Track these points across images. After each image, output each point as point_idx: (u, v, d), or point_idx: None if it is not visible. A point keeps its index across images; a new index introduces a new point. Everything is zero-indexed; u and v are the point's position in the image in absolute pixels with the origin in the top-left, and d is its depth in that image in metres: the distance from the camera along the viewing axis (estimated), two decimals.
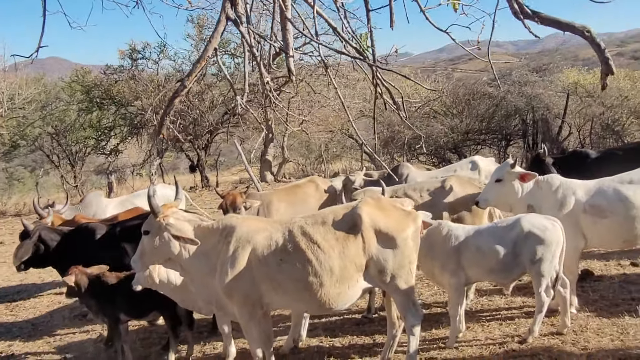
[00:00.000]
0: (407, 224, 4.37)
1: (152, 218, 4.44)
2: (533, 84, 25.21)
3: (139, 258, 4.49)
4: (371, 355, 5.17)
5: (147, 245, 4.43)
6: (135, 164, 21.76)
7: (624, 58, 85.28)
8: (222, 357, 5.51)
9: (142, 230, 4.46)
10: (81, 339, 6.87)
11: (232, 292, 4.30)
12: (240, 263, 4.26)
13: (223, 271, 4.29)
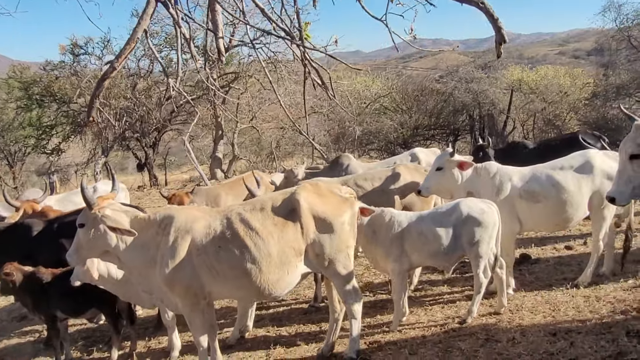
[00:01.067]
0: (344, 209, 4.42)
1: (87, 210, 4.32)
2: (479, 81, 25.94)
3: (74, 252, 4.35)
4: (317, 341, 5.19)
5: (83, 238, 4.30)
6: (79, 164, 21.06)
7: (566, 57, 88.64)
8: (168, 351, 5.42)
9: (77, 224, 4.33)
10: (19, 341, 6.62)
11: (173, 283, 4.23)
12: (180, 253, 4.20)
13: (163, 262, 4.21)
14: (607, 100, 24.61)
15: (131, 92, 19.92)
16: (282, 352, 5.06)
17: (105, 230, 4.22)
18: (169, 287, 4.26)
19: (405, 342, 4.87)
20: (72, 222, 5.75)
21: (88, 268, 4.81)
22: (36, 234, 5.87)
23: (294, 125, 23.13)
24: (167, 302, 4.50)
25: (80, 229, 4.31)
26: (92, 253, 4.37)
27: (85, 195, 4.25)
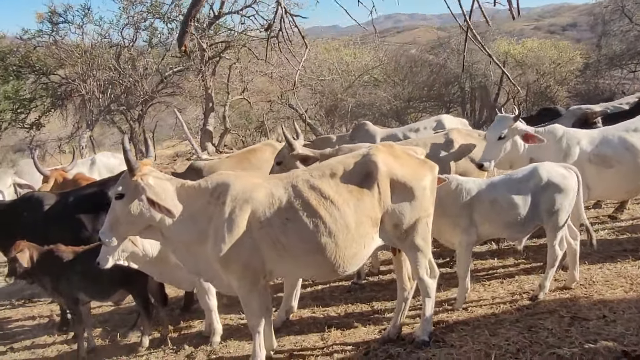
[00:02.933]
0: (424, 173, 3.90)
1: (128, 177, 3.71)
2: (471, 52, 25.47)
3: (110, 229, 3.75)
4: (374, 322, 4.73)
5: (122, 212, 3.70)
6: (62, 138, 20.03)
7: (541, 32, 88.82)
8: (205, 336, 4.88)
9: (115, 194, 3.73)
10: (28, 325, 6.01)
11: (229, 261, 3.68)
12: (238, 226, 3.65)
13: (218, 237, 3.66)
14: (598, 71, 24.47)
15: (116, 63, 18.88)
16: (338, 334, 4.57)
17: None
18: (224, 265, 3.71)
19: (478, 321, 4.43)
20: (90, 195, 5.18)
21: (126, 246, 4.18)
22: (47, 209, 5.19)
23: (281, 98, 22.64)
24: (218, 283, 3.96)
25: (117, 200, 3.71)
26: (133, 229, 3.79)
27: (127, 158, 3.64)
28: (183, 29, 3.59)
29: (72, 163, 7.43)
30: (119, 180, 3.81)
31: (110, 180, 5.27)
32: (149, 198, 3.58)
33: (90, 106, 18.79)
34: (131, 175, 3.69)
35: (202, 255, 3.79)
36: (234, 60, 18.98)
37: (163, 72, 20.00)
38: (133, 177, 3.68)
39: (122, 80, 19.52)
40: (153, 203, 3.57)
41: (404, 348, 4.08)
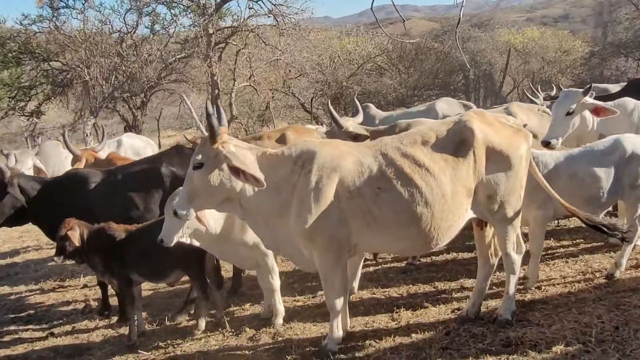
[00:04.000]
0: (520, 141, 3.68)
1: (208, 145, 3.45)
2: (475, 40, 25.35)
3: (188, 201, 3.47)
4: (442, 302, 4.54)
5: (201, 182, 3.43)
6: (65, 125, 19.60)
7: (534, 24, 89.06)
8: (264, 318, 4.65)
9: (193, 164, 3.46)
10: (64, 310, 5.75)
11: (314, 233, 3.46)
12: (325, 196, 3.42)
13: (303, 208, 3.43)
14: (603, 59, 24.41)
15: (121, 49, 18.47)
16: (409, 314, 4.37)
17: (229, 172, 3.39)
18: (308, 238, 3.48)
19: (556, 300, 4.26)
20: (142, 172, 4.91)
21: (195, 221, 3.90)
22: (95, 186, 4.90)
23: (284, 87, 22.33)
24: (298, 259, 3.73)
25: (196, 170, 3.45)
26: (211, 201, 3.52)
27: (211, 122, 3.37)
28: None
29: (102, 143, 7.14)
30: (197, 149, 3.53)
31: (163, 156, 5.00)
32: (234, 166, 3.33)
33: (94, 93, 18.37)
34: (212, 142, 3.43)
35: (282, 229, 3.56)
36: (241, 46, 18.61)
37: (166, 59, 19.62)
38: (214, 145, 3.42)
39: (126, 66, 19.14)
40: (238, 172, 3.32)
41: (486, 327, 3.89)
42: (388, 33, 13.44)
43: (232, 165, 3.36)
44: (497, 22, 27.46)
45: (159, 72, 19.99)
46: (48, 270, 7.34)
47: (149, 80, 19.10)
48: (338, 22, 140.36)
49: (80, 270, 7.15)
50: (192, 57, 19.75)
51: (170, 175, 4.88)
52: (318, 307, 4.77)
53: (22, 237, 9.45)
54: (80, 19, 19.21)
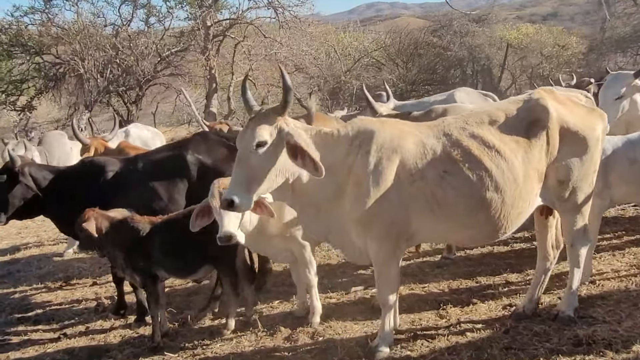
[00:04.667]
0: (595, 122, 3.39)
1: (271, 120, 3.05)
2: (473, 34, 25.17)
3: (245, 188, 3.01)
4: (491, 298, 4.24)
5: (265, 164, 3.04)
6: (59, 120, 19.09)
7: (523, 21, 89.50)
8: (298, 316, 4.33)
9: (254, 143, 3.02)
10: (75, 309, 5.38)
11: (371, 220, 3.16)
12: (385, 180, 3.11)
13: (361, 192, 3.12)
14: (601, 54, 24.30)
15: (116, 41, 18.01)
16: (458, 312, 4.07)
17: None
18: (365, 225, 3.18)
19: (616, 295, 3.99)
20: (165, 159, 4.56)
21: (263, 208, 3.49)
22: (112, 175, 4.52)
23: None
24: (349, 249, 3.42)
25: (258, 150, 3.04)
26: (270, 185, 3.12)
27: (286, 84, 3.01)
28: None
29: (112, 132, 6.76)
30: (255, 126, 3.04)
31: (189, 143, 4.64)
32: (299, 147, 2.98)
33: (89, 87, 17.88)
34: (279, 114, 3.05)
35: (334, 215, 3.25)
36: (240, 39, 18.22)
37: (162, 52, 19.17)
38: (275, 123, 3.06)
39: (121, 59, 18.68)
40: (297, 154, 2.98)
41: (547, 325, 3.60)
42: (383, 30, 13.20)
43: (297, 145, 3.00)
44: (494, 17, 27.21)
45: (154, 66, 19.57)
46: (52, 268, 6.96)
47: (145, 74, 18.66)
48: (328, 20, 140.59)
49: (87, 267, 6.80)
50: (189, 51, 19.38)
51: (197, 163, 4.52)
52: (355, 304, 4.48)
53: (21, 234, 9.04)
54: (74, 11, 18.74)
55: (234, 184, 3.03)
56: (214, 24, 17.83)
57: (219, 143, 4.59)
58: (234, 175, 3.06)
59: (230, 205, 2.97)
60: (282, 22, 17.41)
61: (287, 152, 3.02)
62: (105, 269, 6.65)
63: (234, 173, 3.06)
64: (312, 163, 2.95)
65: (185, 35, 19.60)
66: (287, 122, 3.09)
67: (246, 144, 3.04)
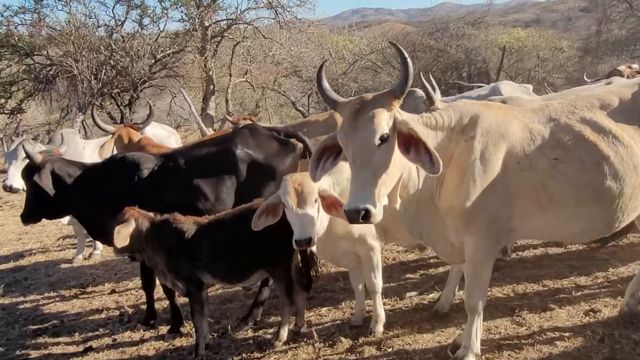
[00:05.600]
0: None
1: (387, 106, 2.64)
2: (469, 37, 25.08)
3: (375, 192, 2.55)
4: (568, 303, 3.91)
5: (388, 161, 2.60)
6: (51, 123, 18.48)
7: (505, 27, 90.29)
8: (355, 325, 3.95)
9: (379, 138, 2.59)
10: (97, 319, 4.95)
11: (474, 214, 2.82)
12: (492, 169, 2.79)
13: (465, 182, 2.79)
14: (596, 57, 24.36)
15: (111, 41, 17.52)
16: (536, 318, 3.72)
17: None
18: (466, 219, 2.85)
19: None
20: (210, 155, 4.15)
21: None
22: (149, 173, 4.08)
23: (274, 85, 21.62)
24: (443, 247, 3.11)
25: (382, 145, 2.61)
26: (392, 186, 2.71)
27: (407, 70, 2.61)
28: None
29: (147, 120, 6.27)
30: (375, 119, 2.59)
31: (236, 136, 4.22)
32: (416, 136, 2.57)
33: (83, 88, 17.33)
34: (390, 104, 2.64)
35: (431, 210, 2.90)
36: (239, 39, 17.84)
37: (156, 54, 18.69)
38: (392, 111, 2.65)
39: (115, 61, 18.18)
40: (418, 145, 2.57)
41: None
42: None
43: (414, 136, 2.58)
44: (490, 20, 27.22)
45: (149, 67, 19.10)
46: (62, 275, 6.50)
47: (140, 76, 18.17)
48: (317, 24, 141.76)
49: (101, 274, 6.36)
50: (185, 52, 18.93)
51: (247, 158, 4.11)
52: (415, 311, 4.12)
53: (22, 239, 8.54)
54: (66, 11, 18.20)
55: (362, 189, 2.55)
56: (212, 25, 17.40)
57: (268, 136, 4.19)
58: (357, 179, 2.57)
59: (365, 216, 2.51)
60: (282, 22, 17.04)
61: (398, 144, 2.63)
62: (121, 276, 6.23)
63: (357, 176, 2.58)
64: (429, 156, 2.55)
65: (181, 36, 19.16)
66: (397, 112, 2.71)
67: (366, 139, 2.57)
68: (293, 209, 3.16)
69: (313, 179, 2.90)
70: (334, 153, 2.86)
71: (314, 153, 2.91)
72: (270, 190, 4.01)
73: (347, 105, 2.71)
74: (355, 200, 2.53)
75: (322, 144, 2.88)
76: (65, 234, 8.51)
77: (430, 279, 4.71)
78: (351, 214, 2.53)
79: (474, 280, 3.00)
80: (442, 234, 2.99)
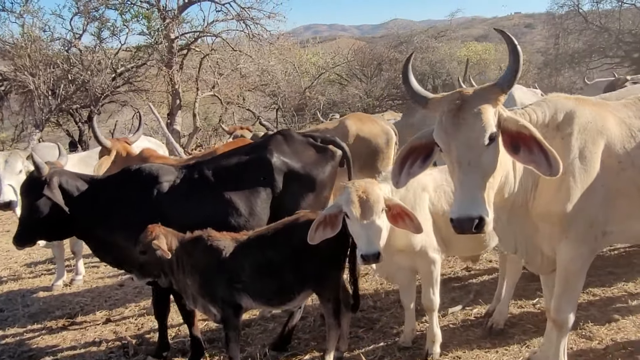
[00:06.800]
0: None
1: (492, 100, 2.31)
2: (433, 50, 25.45)
3: (487, 196, 2.26)
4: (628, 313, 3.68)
5: (495, 162, 2.31)
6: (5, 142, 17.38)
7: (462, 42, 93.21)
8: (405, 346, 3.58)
9: (487, 137, 2.27)
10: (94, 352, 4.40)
11: (572, 219, 2.54)
12: (592, 168, 2.52)
13: (566, 184, 2.50)
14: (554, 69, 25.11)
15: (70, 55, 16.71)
16: (604, 331, 3.47)
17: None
18: (565, 224, 2.56)
19: None
20: (242, 165, 3.70)
21: None
22: (169, 186, 3.59)
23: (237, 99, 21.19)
24: (533, 257, 2.78)
25: (491, 145, 2.29)
26: (497, 184, 2.39)
27: (516, 55, 2.29)
28: None
29: (137, 133, 5.78)
30: (482, 115, 2.26)
31: (270, 144, 3.74)
32: (532, 135, 2.26)
33: (40, 104, 16.39)
34: (495, 98, 2.31)
35: (522, 216, 2.61)
36: (207, 52, 17.32)
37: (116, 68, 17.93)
38: (497, 106, 2.32)
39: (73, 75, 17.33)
40: (531, 144, 2.27)
41: None
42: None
43: (527, 134, 2.28)
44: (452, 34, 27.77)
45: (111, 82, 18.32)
46: (43, 305, 5.84)
47: (103, 91, 17.36)
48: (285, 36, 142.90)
49: (89, 302, 5.75)
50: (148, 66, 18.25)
51: (284, 167, 3.67)
52: (465, 328, 3.80)
53: None
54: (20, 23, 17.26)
55: (472, 194, 2.24)
56: (179, 37, 16.84)
57: (305, 143, 3.77)
58: (464, 183, 2.26)
59: (478, 225, 2.20)
60: (252, 35, 16.66)
61: (504, 143, 2.32)
62: (113, 302, 5.65)
63: (464, 180, 2.26)
64: (544, 156, 2.23)
65: (142, 50, 18.48)
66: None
67: (473, 138, 2.27)
68: (357, 219, 2.79)
69: (396, 185, 2.56)
70: (422, 155, 2.53)
71: (398, 155, 2.57)
72: (308, 202, 3.61)
73: (442, 101, 2.38)
74: (466, 207, 2.21)
75: (408, 144, 2.54)
76: (35, 260, 7.77)
77: (467, 292, 4.40)
78: (463, 223, 2.21)
79: (566, 292, 2.69)
80: (533, 242, 2.69)
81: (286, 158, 3.62)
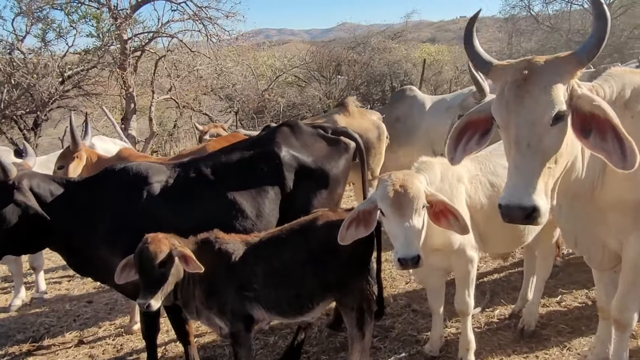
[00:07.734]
0: None
1: (564, 74, 1.98)
2: (390, 51, 25.47)
3: (544, 184, 1.94)
4: None
5: (559, 145, 1.99)
6: None
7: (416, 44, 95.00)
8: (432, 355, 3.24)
9: (554, 115, 1.94)
10: None
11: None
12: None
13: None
14: None
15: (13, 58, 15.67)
16: None
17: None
18: (638, 214, 2.27)
19: None
20: (246, 161, 3.25)
21: None
22: (160, 187, 3.11)
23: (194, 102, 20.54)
24: (595, 253, 2.53)
25: (556, 124, 1.97)
26: (560, 171, 2.07)
27: (602, 19, 1.96)
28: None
29: (86, 137, 5.27)
30: (550, 89, 1.95)
31: (276, 136, 3.31)
32: (608, 119, 1.94)
33: None
34: (569, 73, 1.99)
35: (584, 206, 2.31)
36: (162, 54, 16.59)
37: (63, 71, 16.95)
38: (569, 81, 2.00)
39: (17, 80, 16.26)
40: (605, 129, 1.95)
41: None
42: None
43: (602, 117, 1.96)
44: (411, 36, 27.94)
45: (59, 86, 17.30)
46: (2, 328, 5.19)
47: (50, 95, 16.36)
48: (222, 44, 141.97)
49: (55, 322, 5.16)
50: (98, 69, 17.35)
51: (294, 162, 3.24)
52: (493, 332, 3.50)
53: None
54: None
55: (528, 180, 1.93)
56: (132, 38, 16.07)
57: (314, 135, 3.35)
58: (521, 166, 1.94)
59: (530, 215, 1.89)
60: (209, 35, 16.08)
61: (573, 125, 2.01)
62: (83, 322, 5.07)
63: (521, 162, 1.95)
64: (619, 145, 1.93)
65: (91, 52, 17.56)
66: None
67: (537, 115, 1.95)
68: (395, 218, 2.42)
69: (451, 162, 2.21)
70: (480, 130, 2.20)
71: (454, 129, 2.22)
72: (321, 201, 3.20)
73: (508, 69, 2.05)
74: (520, 194, 1.91)
75: (465, 118, 2.21)
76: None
77: (482, 293, 4.11)
78: (512, 211, 1.90)
79: (632, 290, 2.42)
80: (596, 235, 2.39)
81: (296, 152, 3.20)
